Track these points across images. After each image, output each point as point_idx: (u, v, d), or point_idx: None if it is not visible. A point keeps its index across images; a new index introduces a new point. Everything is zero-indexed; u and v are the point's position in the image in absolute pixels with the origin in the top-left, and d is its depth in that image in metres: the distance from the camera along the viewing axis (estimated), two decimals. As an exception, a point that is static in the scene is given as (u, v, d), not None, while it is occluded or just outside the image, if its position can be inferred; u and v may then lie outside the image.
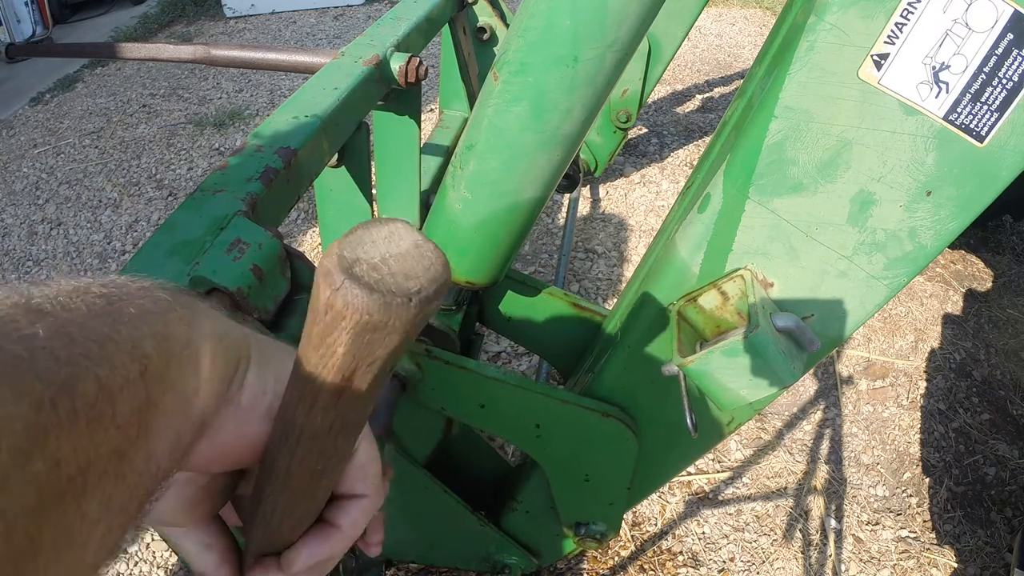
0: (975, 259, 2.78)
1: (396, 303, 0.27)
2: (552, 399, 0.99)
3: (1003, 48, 0.62)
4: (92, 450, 0.24)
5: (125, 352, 0.26)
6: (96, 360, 0.24)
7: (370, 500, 0.42)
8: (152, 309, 0.29)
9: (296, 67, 1.34)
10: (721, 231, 0.80)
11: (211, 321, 0.34)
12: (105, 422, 0.24)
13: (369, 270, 0.27)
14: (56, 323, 0.24)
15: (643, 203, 3.12)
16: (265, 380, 0.37)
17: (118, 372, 0.25)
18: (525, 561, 1.37)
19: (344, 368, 0.30)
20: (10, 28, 4.87)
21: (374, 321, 0.27)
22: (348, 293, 0.26)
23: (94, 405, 0.24)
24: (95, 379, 0.24)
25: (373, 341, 0.28)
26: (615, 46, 0.76)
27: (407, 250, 0.29)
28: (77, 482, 0.23)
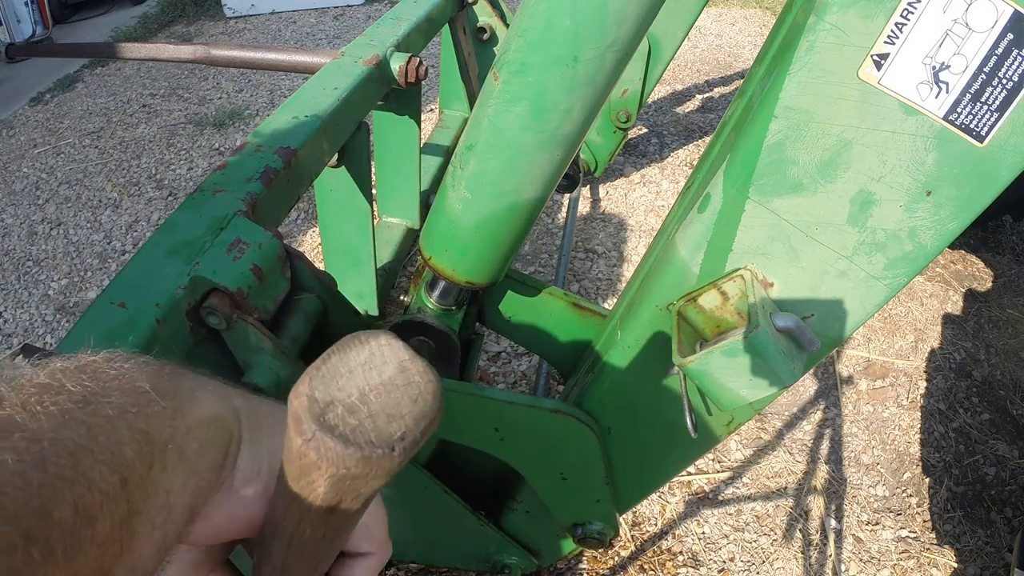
0: (975, 259, 2.78)
1: (376, 456, 0.24)
2: (499, 402, 1.00)
3: (1003, 48, 0.62)
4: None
5: (104, 464, 0.25)
6: (71, 480, 0.23)
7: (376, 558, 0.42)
8: (131, 407, 0.27)
9: (296, 67, 1.34)
10: (721, 231, 0.80)
11: (197, 406, 0.32)
12: (85, 546, 0.23)
13: (345, 414, 0.24)
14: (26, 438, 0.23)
15: (643, 203, 3.12)
16: (259, 460, 0.36)
17: (96, 488, 0.24)
18: (525, 561, 1.37)
19: (328, 500, 0.28)
20: (10, 28, 4.87)
21: (352, 474, 0.25)
22: (321, 446, 0.24)
23: (71, 532, 0.22)
24: (71, 504, 0.23)
25: (354, 487, 0.26)
26: (615, 46, 0.76)
27: (391, 378, 0.26)
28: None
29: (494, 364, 2.29)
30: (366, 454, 0.24)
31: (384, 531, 0.43)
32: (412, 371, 0.26)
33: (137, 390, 0.29)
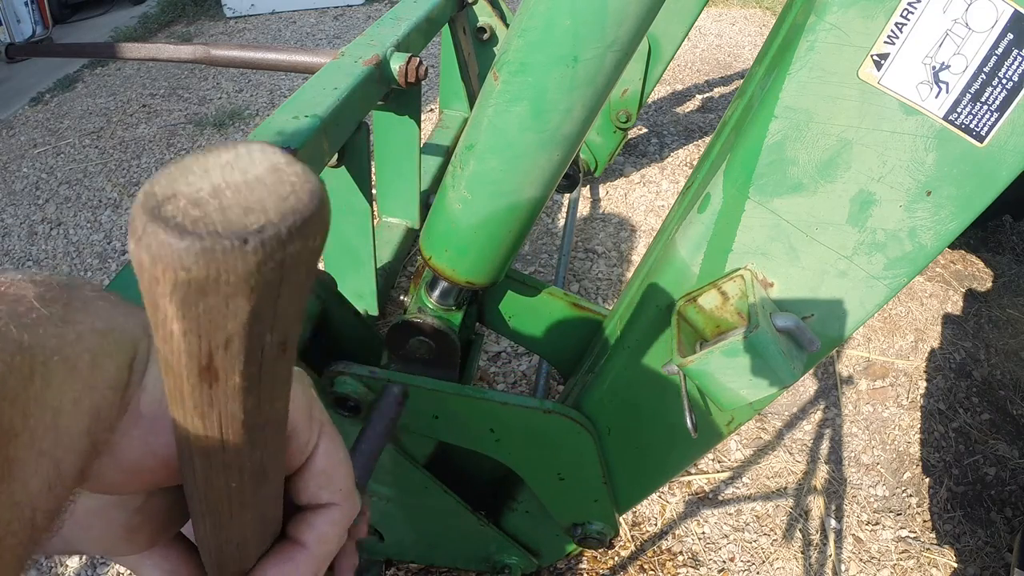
0: (975, 259, 2.78)
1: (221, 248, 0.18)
2: (494, 403, 1.00)
3: (1003, 48, 0.62)
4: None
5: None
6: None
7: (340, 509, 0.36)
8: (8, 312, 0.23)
9: (296, 67, 1.34)
10: (721, 231, 0.80)
11: (92, 315, 0.27)
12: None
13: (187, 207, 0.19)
14: None
15: (643, 203, 3.12)
16: None
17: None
18: (525, 561, 1.37)
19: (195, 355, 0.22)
20: (10, 28, 4.87)
21: (195, 278, 0.19)
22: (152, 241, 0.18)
23: None
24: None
25: (210, 309, 0.20)
26: (615, 46, 0.76)
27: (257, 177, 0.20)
28: None
29: (494, 364, 2.29)
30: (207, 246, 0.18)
31: (349, 479, 0.37)
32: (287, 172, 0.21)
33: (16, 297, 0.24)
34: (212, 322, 0.20)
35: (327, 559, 0.36)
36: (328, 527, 0.35)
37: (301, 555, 0.34)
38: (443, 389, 1.01)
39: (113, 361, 0.27)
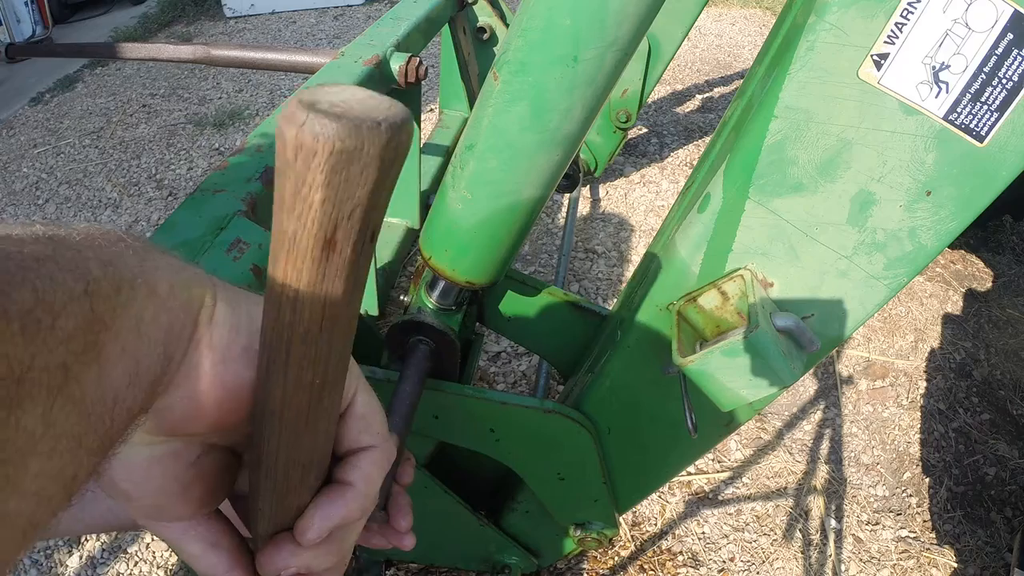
0: (975, 259, 2.78)
1: (366, 126, 0.25)
2: (494, 403, 1.00)
3: (1003, 48, 0.62)
4: (27, 359, 0.22)
5: (67, 270, 0.24)
6: (32, 271, 0.23)
7: (379, 450, 0.39)
8: (99, 238, 0.28)
9: (296, 67, 1.34)
10: (721, 231, 0.80)
11: (167, 256, 0.32)
12: (44, 333, 0.23)
13: (331, 105, 0.26)
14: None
15: (643, 203, 3.12)
16: (238, 316, 0.34)
17: (59, 287, 0.24)
18: (525, 561, 1.37)
19: (325, 225, 0.27)
20: (10, 28, 4.86)
21: (348, 148, 0.25)
22: (316, 124, 0.25)
23: (29, 312, 0.22)
24: (31, 289, 0.23)
25: (350, 178, 0.26)
26: (615, 46, 0.76)
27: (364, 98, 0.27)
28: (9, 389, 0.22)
29: (494, 364, 2.29)
30: (357, 124, 0.25)
31: (383, 424, 0.40)
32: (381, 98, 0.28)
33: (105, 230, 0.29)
34: (347, 190, 0.26)
35: (372, 498, 0.39)
36: (371, 467, 0.38)
37: (350, 492, 0.37)
38: (443, 389, 1.01)
39: (186, 292, 0.31)
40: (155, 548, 1.80)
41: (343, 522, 0.37)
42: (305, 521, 0.36)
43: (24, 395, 0.22)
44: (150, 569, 1.75)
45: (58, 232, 0.26)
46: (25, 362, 0.22)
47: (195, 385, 0.32)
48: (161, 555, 1.78)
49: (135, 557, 1.78)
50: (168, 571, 1.75)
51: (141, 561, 1.77)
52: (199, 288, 0.33)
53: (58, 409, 0.24)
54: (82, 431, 0.25)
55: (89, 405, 0.25)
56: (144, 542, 1.81)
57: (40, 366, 0.23)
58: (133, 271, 0.28)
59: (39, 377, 0.23)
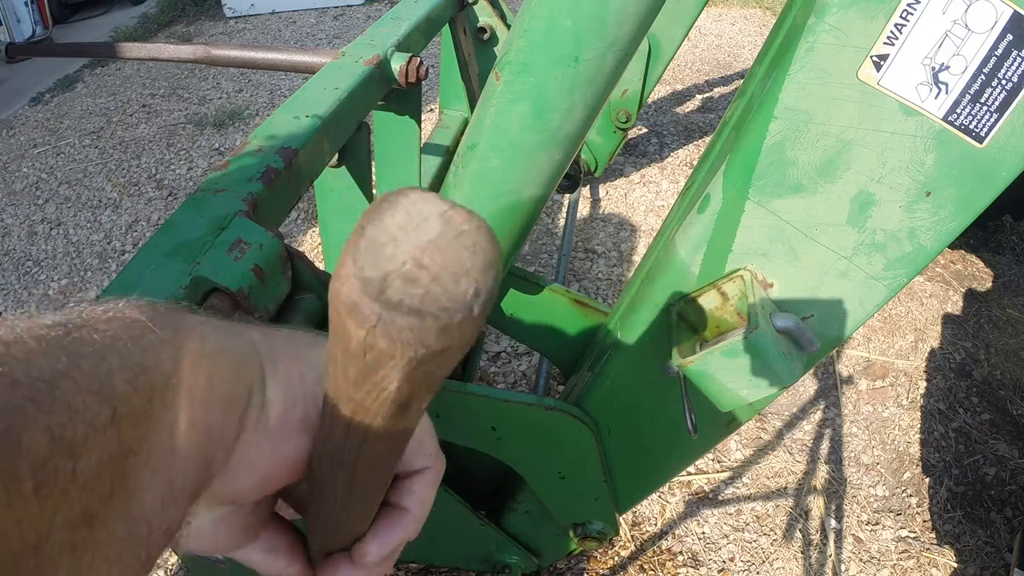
0: (975, 259, 2.78)
1: (457, 321, 0.20)
2: (496, 401, 1.00)
3: (1002, 49, 0.62)
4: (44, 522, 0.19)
5: (88, 392, 0.21)
6: (46, 407, 0.20)
7: (433, 472, 0.39)
8: (123, 335, 0.24)
9: (296, 67, 1.34)
10: (721, 232, 0.80)
11: (201, 340, 0.28)
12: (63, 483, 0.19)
13: (406, 286, 0.20)
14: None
15: (643, 203, 3.12)
16: (290, 387, 0.32)
17: (79, 419, 0.20)
18: (526, 561, 1.37)
19: (399, 400, 0.24)
20: (10, 28, 4.87)
21: (433, 351, 0.21)
22: (391, 328, 0.20)
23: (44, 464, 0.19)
24: (46, 431, 0.19)
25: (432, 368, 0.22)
26: (616, 46, 0.76)
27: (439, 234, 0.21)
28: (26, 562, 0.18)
29: (494, 364, 2.29)
30: (445, 322, 0.20)
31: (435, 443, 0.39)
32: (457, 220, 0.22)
33: (130, 320, 0.24)
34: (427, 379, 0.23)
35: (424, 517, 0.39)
36: (425, 489, 0.38)
37: (408, 518, 0.37)
38: (445, 387, 1.01)
39: (228, 383, 0.28)
40: (155, 548, 1.80)
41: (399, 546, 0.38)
42: (364, 547, 0.36)
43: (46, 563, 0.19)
44: (150, 569, 1.75)
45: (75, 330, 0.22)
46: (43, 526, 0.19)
47: (255, 468, 0.31)
48: (161, 556, 1.78)
49: (135, 557, 1.78)
50: (168, 571, 1.75)
51: (141, 561, 1.77)
52: (243, 370, 0.30)
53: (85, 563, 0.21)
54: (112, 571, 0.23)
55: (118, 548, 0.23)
56: (144, 542, 1.81)
57: (60, 524, 0.20)
58: (166, 372, 0.25)
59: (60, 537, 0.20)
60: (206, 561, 0.83)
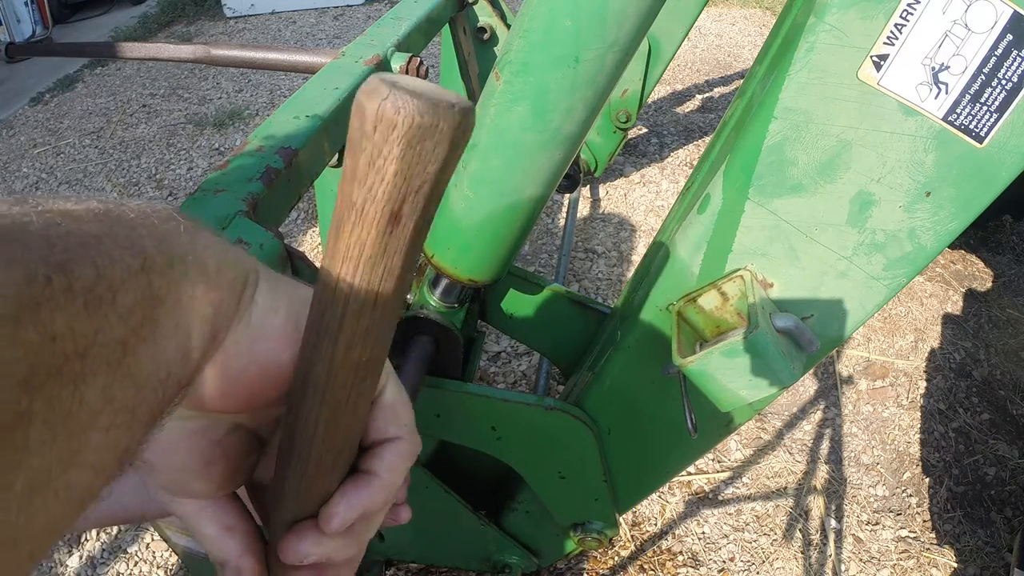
0: (975, 259, 2.78)
1: (443, 105, 0.27)
2: (496, 401, 1.01)
3: (1002, 49, 0.62)
4: (91, 334, 0.23)
5: (124, 247, 0.25)
6: (92, 248, 0.24)
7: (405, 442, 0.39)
8: (151, 215, 0.29)
9: (296, 67, 1.34)
10: (721, 232, 0.80)
11: (214, 236, 0.33)
12: (105, 308, 0.24)
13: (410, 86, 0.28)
14: (51, 216, 0.24)
15: (643, 203, 3.12)
16: (278, 297, 0.35)
17: (117, 264, 0.25)
18: (526, 561, 1.37)
19: (394, 197, 0.28)
20: (10, 28, 4.87)
21: (425, 123, 0.27)
22: (398, 98, 0.26)
23: (92, 289, 0.23)
24: (92, 265, 0.23)
25: (424, 152, 0.28)
26: (616, 46, 0.76)
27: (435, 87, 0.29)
28: (74, 364, 0.22)
29: (494, 364, 2.29)
30: (435, 102, 0.27)
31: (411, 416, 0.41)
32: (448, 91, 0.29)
33: (155, 210, 0.30)
34: (419, 164, 0.28)
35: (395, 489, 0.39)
36: (396, 458, 0.39)
37: (376, 482, 0.38)
38: (445, 387, 1.01)
39: (232, 271, 0.32)
40: (155, 548, 1.80)
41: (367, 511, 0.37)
42: (330, 508, 0.36)
43: (88, 370, 0.23)
44: (150, 569, 1.75)
45: (113, 209, 0.27)
46: (89, 337, 0.23)
47: (232, 362, 0.33)
48: (161, 555, 1.78)
49: (135, 557, 1.78)
50: (168, 571, 1.75)
51: (141, 561, 1.77)
52: (243, 267, 0.34)
53: (117, 383, 0.25)
54: (136, 404, 0.26)
55: (144, 378, 0.26)
56: (144, 542, 1.81)
57: (102, 341, 0.23)
58: (184, 248, 0.29)
59: (101, 352, 0.23)
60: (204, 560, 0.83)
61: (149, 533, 1.81)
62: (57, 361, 0.22)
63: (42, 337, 0.21)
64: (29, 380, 0.21)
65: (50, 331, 0.21)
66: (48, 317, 0.21)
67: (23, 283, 0.21)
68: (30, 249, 0.22)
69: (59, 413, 0.22)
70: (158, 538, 1.82)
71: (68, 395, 0.22)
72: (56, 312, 0.22)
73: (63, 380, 0.22)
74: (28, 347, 0.21)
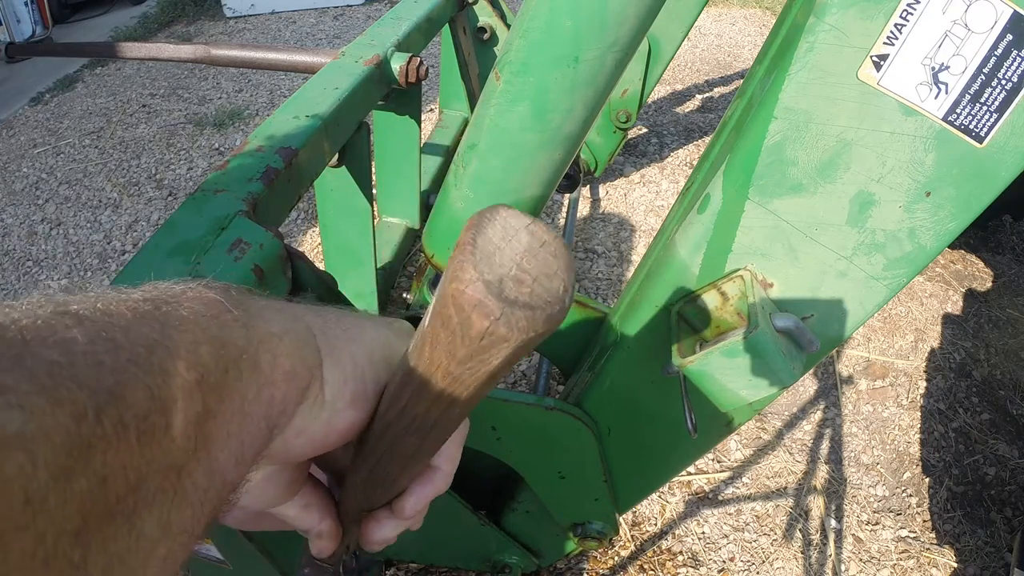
0: (975, 259, 2.78)
1: (555, 311, 0.27)
2: (496, 401, 1.01)
3: (1002, 49, 0.62)
4: (144, 466, 0.22)
5: (180, 359, 0.24)
6: (146, 368, 0.22)
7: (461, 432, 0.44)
8: (204, 312, 0.28)
9: (296, 67, 1.34)
10: (721, 231, 0.80)
11: (268, 321, 0.32)
12: (158, 435, 0.22)
13: (517, 286, 0.26)
14: (97, 327, 0.22)
15: (643, 203, 3.12)
16: (344, 369, 0.36)
17: (172, 381, 0.23)
18: (526, 561, 1.37)
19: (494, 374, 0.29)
20: (10, 28, 4.86)
21: (539, 334, 0.27)
22: (512, 319, 0.26)
23: (146, 417, 0.22)
24: (146, 388, 0.22)
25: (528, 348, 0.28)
26: (616, 46, 0.76)
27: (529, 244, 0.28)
28: (128, 502, 0.21)
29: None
30: (549, 312, 0.26)
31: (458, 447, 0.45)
32: (538, 232, 0.28)
33: (209, 299, 0.29)
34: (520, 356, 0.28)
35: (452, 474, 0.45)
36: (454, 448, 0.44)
37: (438, 475, 0.44)
38: None
39: (289, 361, 0.32)
40: (155, 548, 1.80)
41: (432, 498, 0.43)
42: (403, 501, 0.42)
43: (141, 504, 0.22)
44: (150, 569, 1.75)
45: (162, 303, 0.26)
46: (142, 470, 0.22)
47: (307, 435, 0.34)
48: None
49: (135, 557, 1.78)
50: (168, 571, 1.75)
51: (141, 561, 1.77)
52: (303, 349, 0.34)
53: (172, 509, 0.24)
54: (193, 522, 0.25)
55: (199, 497, 0.26)
56: (144, 542, 1.81)
57: (156, 471, 0.22)
58: (240, 348, 0.28)
59: (155, 483, 0.22)
60: (212, 561, 0.83)
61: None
62: (109, 504, 0.20)
63: (93, 483, 0.20)
64: (81, 532, 0.19)
65: (101, 474, 0.20)
66: (100, 459, 0.20)
67: (72, 424, 0.19)
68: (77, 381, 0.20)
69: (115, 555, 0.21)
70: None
71: (123, 536, 0.21)
72: (108, 452, 0.20)
73: (116, 521, 0.21)
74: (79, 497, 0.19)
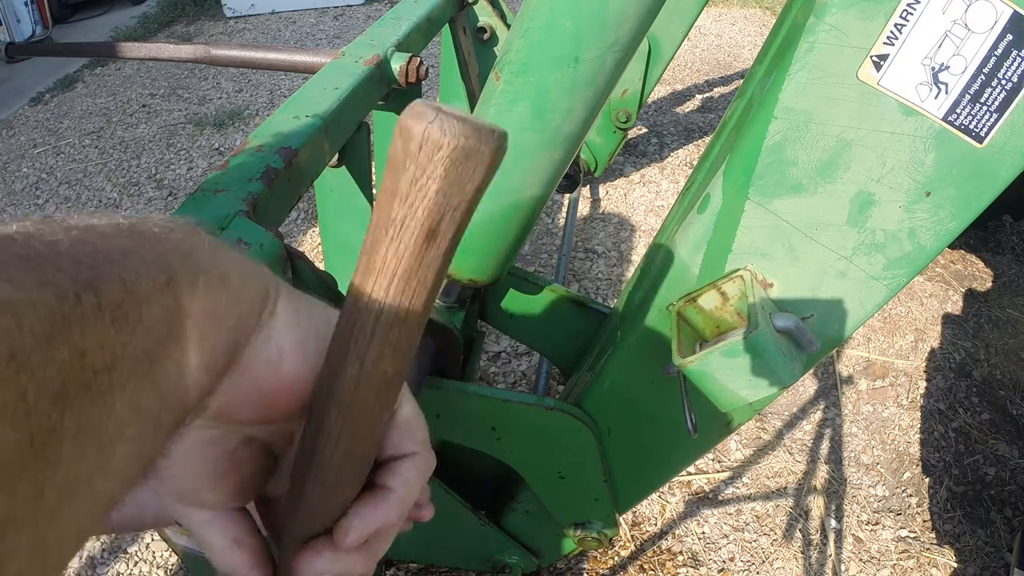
0: (975, 259, 2.78)
1: (485, 129, 0.28)
2: (496, 401, 1.01)
3: (1002, 49, 0.62)
4: (119, 348, 0.24)
5: (150, 263, 0.26)
6: (120, 264, 0.25)
7: (421, 458, 0.40)
8: (176, 229, 0.30)
9: (296, 67, 1.34)
10: (721, 231, 0.80)
11: (234, 252, 0.34)
12: (132, 323, 0.25)
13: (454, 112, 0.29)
14: (79, 235, 0.25)
15: (643, 203, 3.12)
16: (297, 313, 0.35)
17: (144, 279, 0.25)
18: (526, 561, 1.37)
19: (433, 214, 0.29)
20: (10, 28, 4.87)
21: (469, 145, 0.28)
22: (444, 122, 0.28)
23: (120, 305, 0.24)
24: (120, 281, 0.24)
25: (464, 172, 0.29)
26: (616, 46, 0.76)
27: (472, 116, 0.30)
28: (103, 378, 0.23)
29: (494, 364, 2.29)
30: (476, 127, 0.28)
31: (426, 433, 0.41)
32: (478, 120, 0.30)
33: (181, 224, 0.31)
34: (459, 183, 0.29)
35: (410, 504, 0.39)
36: (412, 473, 0.39)
37: (390, 498, 0.38)
38: (445, 387, 1.01)
39: (253, 285, 0.33)
40: (155, 548, 1.80)
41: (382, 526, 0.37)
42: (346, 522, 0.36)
43: (115, 383, 0.24)
44: (150, 569, 1.75)
45: (138, 225, 0.28)
46: (117, 351, 0.24)
47: (250, 372, 0.33)
48: (161, 555, 1.78)
49: (135, 557, 1.78)
50: (168, 571, 1.75)
51: (141, 561, 1.77)
52: (265, 283, 0.35)
53: (144, 394, 0.26)
54: (160, 414, 0.27)
55: (169, 388, 0.27)
56: (144, 542, 1.81)
57: (129, 354, 0.24)
58: (208, 262, 0.30)
59: (128, 365, 0.24)
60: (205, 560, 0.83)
61: (149, 533, 1.81)
62: (87, 376, 0.22)
63: (72, 353, 0.22)
64: (60, 396, 0.21)
65: (80, 347, 0.22)
66: (78, 334, 0.22)
67: (55, 302, 0.22)
68: (60, 269, 0.22)
69: (89, 426, 0.23)
70: (158, 538, 1.82)
71: (97, 408, 0.23)
72: (86, 329, 0.22)
73: (92, 394, 0.23)
74: (60, 364, 0.21)
